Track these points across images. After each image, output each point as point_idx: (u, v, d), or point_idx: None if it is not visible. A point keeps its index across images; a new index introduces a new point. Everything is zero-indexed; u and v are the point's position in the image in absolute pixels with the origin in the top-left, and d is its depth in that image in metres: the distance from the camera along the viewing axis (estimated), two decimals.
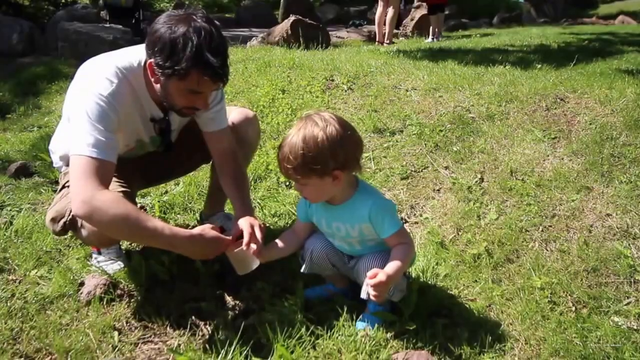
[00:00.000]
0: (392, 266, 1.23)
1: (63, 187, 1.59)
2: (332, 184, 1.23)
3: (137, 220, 1.26)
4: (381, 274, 1.19)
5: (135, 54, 1.42)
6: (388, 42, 6.31)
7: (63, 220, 1.48)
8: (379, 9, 6.39)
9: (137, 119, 1.49)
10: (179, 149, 1.73)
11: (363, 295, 1.30)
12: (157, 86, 1.38)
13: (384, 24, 6.36)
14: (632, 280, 1.52)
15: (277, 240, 1.44)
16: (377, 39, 6.62)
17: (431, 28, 7.11)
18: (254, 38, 6.22)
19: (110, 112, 1.33)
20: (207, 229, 1.36)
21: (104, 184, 1.28)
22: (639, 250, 1.63)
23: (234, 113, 1.78)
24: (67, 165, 1.61)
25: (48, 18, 7.96)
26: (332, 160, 1.18)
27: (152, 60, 1.30)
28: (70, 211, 1.46)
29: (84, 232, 1.47)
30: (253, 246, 1.35)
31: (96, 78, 1.36)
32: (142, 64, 1.40)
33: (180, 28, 1.25)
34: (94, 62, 1.45)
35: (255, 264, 1.38)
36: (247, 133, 1.77)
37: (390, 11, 6.24)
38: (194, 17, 1.27)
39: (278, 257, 1.45)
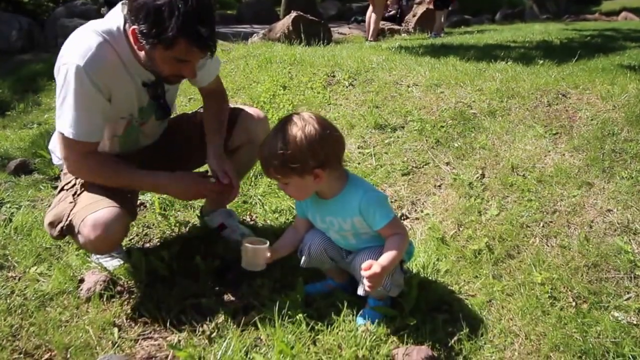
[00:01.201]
0: (386, 257, 1.24)
1: (62, 189, 1.57)
2: (314, 182, 1.24)
3: (116, 171, 1.42)
4: (375, 266, 1.20)
5: (112, 20, 1.36)
6: (372, 39, 6.36)
7: (60, 225, 1.46)
8: (370, 7, 6.52)
9: (128, 83, 1.42)
10: (178, 146, 1.72)
11: (360, 292, 1.30)
12: (142, 53, 1.33)
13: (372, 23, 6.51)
14: (632, 276, 1.52)
15: (280, 240, 1.45)
16: (367, 37, 6.72)
17: (440, 23, 7.14)
18: (255, 34, 6.21)
19: (90, 84, 1.30)
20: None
21: (87, 153, 1.39)
22: None
23: (245, 112, 1.78)
24: None
25: (47, 14, 7.95)
26: (312, 159, 1.19)
27: (135, 27, 1.25)
28: (68, 216, 1.45)
29: (80, 239, 1.44)
30: (266, 244, 1.36)
31: (75, 45, 1.33)
32: (122, 29, 1.34)
33: None
34: (73, 34, 1.39)
35: (263, 266, 1.38)
36: (257, 134, 1.74)
37: (374, 15, 6.39)
38: None
39: (283, 256, 1.44)
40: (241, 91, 3.32)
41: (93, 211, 1.40)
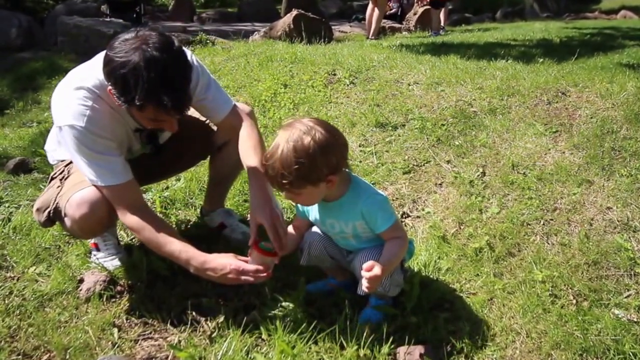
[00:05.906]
0: (386, 260, 1.24)
1: (52, 178, 1.58)
2: (326, 187, 1.23)
3: (157, 245, 1.37)
4: (376, 268, 1.20)
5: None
6: (373, 37, 6.39)
7: (48, 210, 1.47)
8: (370, 5, 6.55)
9: (122, 131, 1.47)
10: (174, 147, 1.71)
11: (360, 292, 1.30)
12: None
13: (373, 22, 6.53)
14: (632, 273, 1.52)
15: None
16: (368, 35, 6.73)
17: (438, 22, 7.16)
18: (256, 32, 6.19)
19: (96, 137, 1.35)
20: (226, 261, 1.32)
21: (126, 205, 1.37)
22: (639, 243, 1.63)
23: None
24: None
25: (47, 12, 7.92)
26: (326, 166, 1.17)
27: (110, 88, 1.27)
28: (55, 200, 1.45)
29: (67, 222, 1.43)
30: (273, 249, 1.33)
31: (68, 107, 1.34)
32: None
33: (131, 59, 1.18)
34: (63, 88, 1.40)
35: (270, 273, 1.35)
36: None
37: (376, 11, 6.40)
38: (145, 45, 1.19)
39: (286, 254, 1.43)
40: (242, 89, 3.31)
41: (78, 190, 1.39)
